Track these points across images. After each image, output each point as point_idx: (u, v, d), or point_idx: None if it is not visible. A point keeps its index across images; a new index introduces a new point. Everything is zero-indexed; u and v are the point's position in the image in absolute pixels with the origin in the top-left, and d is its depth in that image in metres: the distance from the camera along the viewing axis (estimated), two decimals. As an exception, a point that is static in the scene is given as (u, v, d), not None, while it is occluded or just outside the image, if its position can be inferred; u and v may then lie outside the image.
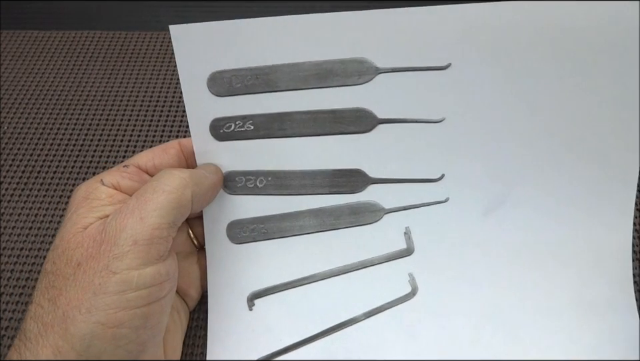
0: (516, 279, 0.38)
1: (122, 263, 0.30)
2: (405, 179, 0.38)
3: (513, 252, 0.38)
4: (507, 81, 0.36)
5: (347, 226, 0.39)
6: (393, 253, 0.39)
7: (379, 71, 0.36)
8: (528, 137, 0.37)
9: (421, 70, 0.36)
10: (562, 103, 0.36)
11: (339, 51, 0.36)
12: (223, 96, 0.37)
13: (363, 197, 0.38)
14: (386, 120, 0.37)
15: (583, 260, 0.38)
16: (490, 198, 0.38)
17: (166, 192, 0.32)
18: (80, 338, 0.29)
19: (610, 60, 0.35)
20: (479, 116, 0.37)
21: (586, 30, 0.35)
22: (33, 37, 0.59)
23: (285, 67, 0.36)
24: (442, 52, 0.36)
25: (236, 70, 0.36)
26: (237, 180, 0.38)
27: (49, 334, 0.29)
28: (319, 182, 0.38)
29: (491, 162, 0.38)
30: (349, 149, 0.38)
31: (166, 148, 0.38)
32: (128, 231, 0.30)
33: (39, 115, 0.53)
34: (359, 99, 0.37)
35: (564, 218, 0.38)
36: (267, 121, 0.37)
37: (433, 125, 0.37)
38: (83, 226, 0.32)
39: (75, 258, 0.30)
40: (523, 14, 0.35)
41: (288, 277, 0.39)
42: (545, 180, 0.38)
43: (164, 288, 0.32)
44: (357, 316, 0.38)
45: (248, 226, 0.39)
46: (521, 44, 0.35)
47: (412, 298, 0.38)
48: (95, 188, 0.34)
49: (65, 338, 0.29)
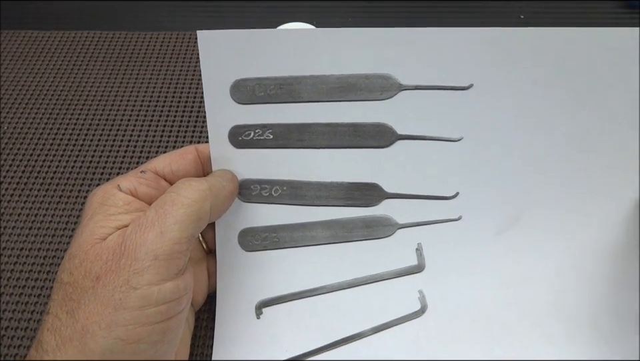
0: (526, 300, 0.38)
1: (142, 278, 0.29)
2: (420, 195, 0.38)
3: (523, 273, 0.39)
4: (525, 105, 0.37)
5: (360, 239, 0.39)
6: (403, 269, 0.39)
7: (402, 88, 0.37)
8: (543, 161, 0.38)
9: (442, 90, 0.37)
10: (578, 129, 0.37)
11: (364, 66, 0.36)
12: (245, 103, 0.37)
13: (377, 211, 0.39)
14: (405, 137, 0.37)
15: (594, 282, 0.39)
16: (502, 219, 0.39)
17: (185, 205, 0.32)
18: (100, 353, 0.28)
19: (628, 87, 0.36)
20: (496, 138, 0.38)
21: (605, 57, 0.36)
22: (33, 37, 0.59)
23: (309, 79, 0.37)
24: (464, 73, 0.36)
25: (260, 79, 0.36)
26: (252, 188, 0.38)
27: (68, 348, 0.28)
28: (334, 194, 0.38)
29: (505, 183, 0.38)
30: (367, 163, 0.38)
31: (183, 153, 0.37)
32: (149, 246, 0.30)
33: (39, 115, 0.52)
34: (380, 114, 0.37)
35: (575, 240, 0.39)
36: (287, 131, 0.37)
37: (451, 144, 0.38)
38: (101, 237, 0.31)
39: (94, 270, 0.30)
40: (543, 41, 0.36)
41: (297, 287, 0.39)
42: (558, 203, 0.38)
43: (182, 303, 0.32)
44: (365, 331, 0.38)
45: (260, 234, 0.39)
46: (541, 69, 0.36)
47: (421, 316, 0.38)
48: (112, 194, 0.33)
49: (84, 353, 0.28)
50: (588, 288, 0.39)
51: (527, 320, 0.38)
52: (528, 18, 0.60)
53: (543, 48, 0.36)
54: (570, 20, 0.60)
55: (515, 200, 0.38)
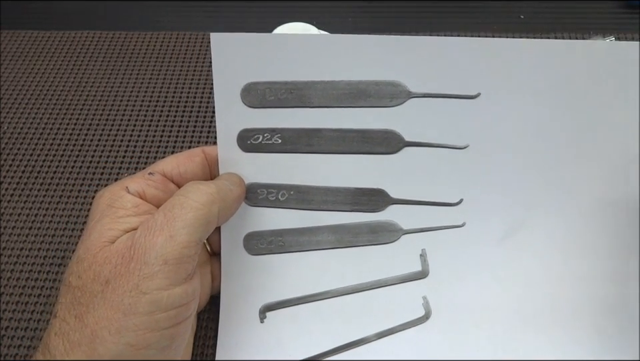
0: (530, 306, 0.39)
1: (152, 283, 0.29)
2: (425, 201, 0.39)
3: (527, 279, 0.39)
4: (531, 115, 0.37)
5: (365, 245, 0.39)
6: (407, 275, 0.39)
7: (411, 95, 0.37)
8: (547, 169, 0.38)
9: (450, 98, 0.37)
10: (582, 138, 0.38)
11: (374, 73, 0.37)
12: (255, 107, 0.37)
13: (383, 217, 0.39)
14: (412, 143, 0.38)
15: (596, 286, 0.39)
16: (506, 225, 0.39)
17: (194, 208, 0.31)
18: (109, 359, 0.28)
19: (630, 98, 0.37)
20: (501, 146, 0.38)
21: (608, 69, 0.37)
22: (33, 37, 0.58)
23: (320, 84, 0.37)
24: (472, 82, 0.37)
25: (271, 83, 0.37)
26: (259, 192, 0.38)
27: (76, 353, 0.28)
28: (340, 199, 0.39)
29: (510, 191, 0.39)
30: (374, 169, 0.38)
31: (191, 155, 0.37)
32: (158, 250, 0.30)
33: (39, 115, 0.52)
34: (388, 121, 0.38)
35: (580, 248, 0.39)
36: (295, 136, 0.38)
37: (457, 151, 0.38)
38: (109, 240, 0.31)
39: (103, 274, 0.30)
40: (550, 51, 0.36)
41: (302, 291, 0.39)
42: (561, 210, 0.39)
43: (190, 308, 0.32)
44: (368, 336, 0.38)
45: (266, 238, 0.39)
46: (548, 79, 0.37)
47: (425, 322, 0.39)
48: (119, 196, 0.33)
49: (93, 359, 0.28)
50: (590, 292, 0.39)
51: (531, 325, 0.38)
52: (528, 19, 0.61)
53: (550, 59, 0.36)
54: (570, 20, 0.60)
55: (518, 207, 0.39)
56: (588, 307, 0.39)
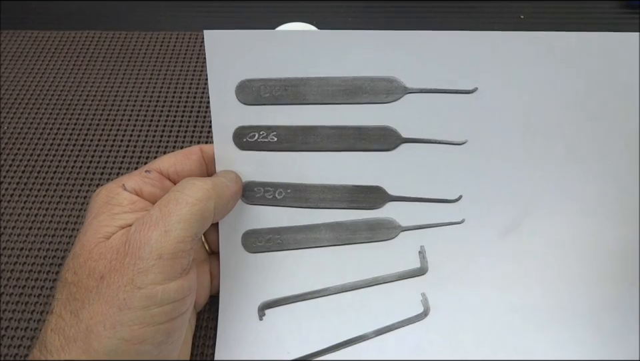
0: (529, 303, 0.39)
1: (147, 278, 0.29)
2: (423, 198, 0.39)
3: (526, 276, 0.39)
4: (529, 109, 0.37)
5: (363, 242, 0.39)
6: (406, 272, 0.39)
7: (407, 91, 0.37)
8: (546, 164, 0.38)
9: (447, 93, 0.37)
10: (581, 134, 0.37)
11: (369, 69, 0.36)
12: (250, 104, 0.37)
13: (381, 214, 0.39)
14: (410, 140, 0.38)
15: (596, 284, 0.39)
16: (505, 222, 0.39)
17: (189, 203, 0.31)
18: (104, 354, 0.28)
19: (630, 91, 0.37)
20: (499, 141, 0.38)
21: (608, 62, 0.36)
22: (33, 37, 0.59)
23: (315, 81, 0.36)
24: (469, 76, 0.37)
25: (265, 80, 0.36)
26: (256, 191, 0.38)
27: (72, 349, 0.28)
28: (338, 196, 0.38)
29: (508, 187, 0.38)
30: (371, 166, 0.38)
31: (188, 153, 0.37)
32: (153, 244, 0.30)
33: (39, 115, 0.52)
34: (385, 117, 0.37)
35: (577, 243, 0.39)
36: (291, 134, 0.37)
37: (455, 147, 0.38)
38: (105, 236, 0.31)
39: (98, 270, 0.30)
40: (548, 45, 0.36)
41: (300, 289, 0.39)
42: (560, 206, 0.38)
43: (186, 303, 0.32)
44: (367, 333, 0.38)
45: (264, 236, 0.39)
46: (546, 73, 0.36)
47: (424, 319, 0.38)
48: (116, 193, 0.33)
49: (88, 354, 0.28)
50: (589, 290, 0.39)
51: (530, 322, 0.38)
52: (528, 18, 0.61)
53: (548, 53, 0.36)
54: (570, 20, 0.60)
55: (517, 203, 0.39)
56: (588, 306, 0.39)
